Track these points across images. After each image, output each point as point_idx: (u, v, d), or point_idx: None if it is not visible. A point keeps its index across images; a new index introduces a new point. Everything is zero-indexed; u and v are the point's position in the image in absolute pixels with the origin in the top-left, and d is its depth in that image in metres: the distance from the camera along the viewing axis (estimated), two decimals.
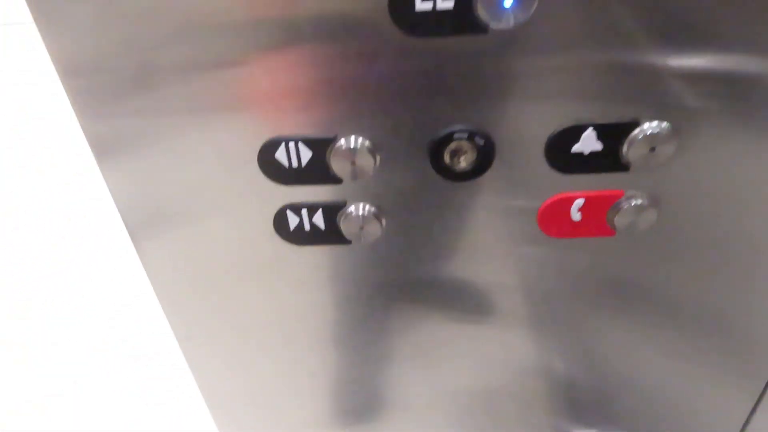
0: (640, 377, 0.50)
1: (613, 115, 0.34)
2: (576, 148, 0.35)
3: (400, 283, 0.43)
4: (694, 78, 0.32)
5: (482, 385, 0.52)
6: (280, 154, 0.36)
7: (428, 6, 0.30)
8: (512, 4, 0.30)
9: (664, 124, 0.33)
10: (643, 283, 0.42)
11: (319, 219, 0.39)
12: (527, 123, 0.35)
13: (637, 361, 0.48)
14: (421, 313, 0.46)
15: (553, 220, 0.38)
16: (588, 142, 0.34)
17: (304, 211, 0.39)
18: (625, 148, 0.34)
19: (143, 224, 0.41)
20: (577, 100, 0.34)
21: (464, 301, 0.45)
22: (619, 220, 0.37)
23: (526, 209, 0.38)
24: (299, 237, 0.40)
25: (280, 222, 0.40)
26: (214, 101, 0.35)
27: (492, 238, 0.40)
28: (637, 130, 0.34)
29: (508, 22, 0.30)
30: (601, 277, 0.42)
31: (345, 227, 0.39)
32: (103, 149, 0.38)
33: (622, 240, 0.39)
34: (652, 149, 0.34)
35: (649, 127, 0.34)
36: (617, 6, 0.30)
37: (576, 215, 0.37)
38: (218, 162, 0.38)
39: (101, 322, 1.04)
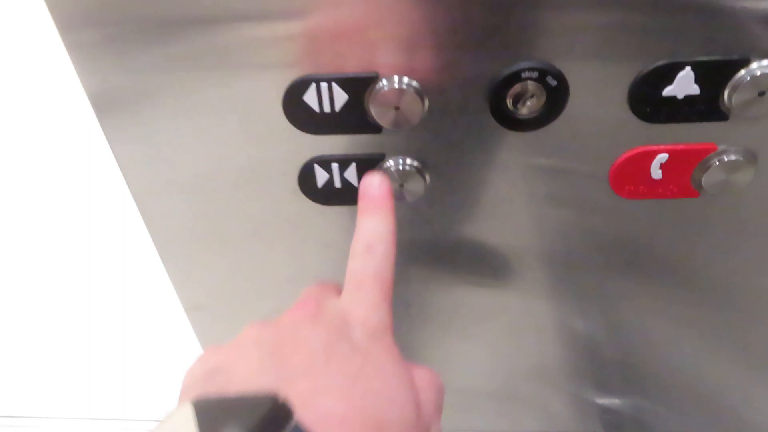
0: (685, 355, 0.45)
1: (716, 51, 0.28)
2: (668, 91, 0.29)
3: (441, 246, 0.38)
4: None
5: (511, 351, 0.48)
6: (310, 97, 0.30)
7: None
8: None
9: None
10: (715, 251, 0.37)
11: (352, 174, 0.33)
12: (610, 60, 0.29)
13: (683, 337, 0.44)
14: (462, 278, 0.41)
15: (628, 177, 0.32)
16: (684, 84, 0.28)
17: (334, 166, 0.33)
18: (726, 92, 0.28)
19: (150, 186, 0.36)
20: (671, 33, 0.28)
21: (506, 267, 0.40)
22: (708, 179, 0.31)
23: (596, 165, 0.32)
24: (328, 195, 0.35)
25: (306, 178, 0.34)
26: (234, 40, 0.29)
27: (552, 197, 0.34)
28: (743, 71, 0.28)
29: None
30: (674, 244, 0.36)
31: None
32: (106, 109, 0.32)
33: (705, 203, 0.33)
34: (761, 93, 0.28)
35: (760, 66, 0.28)
36: None
37: (656, 173, 0.32)
38: (235, 110, 0.32)
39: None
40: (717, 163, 0.31)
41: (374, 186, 0.29)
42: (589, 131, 0.31)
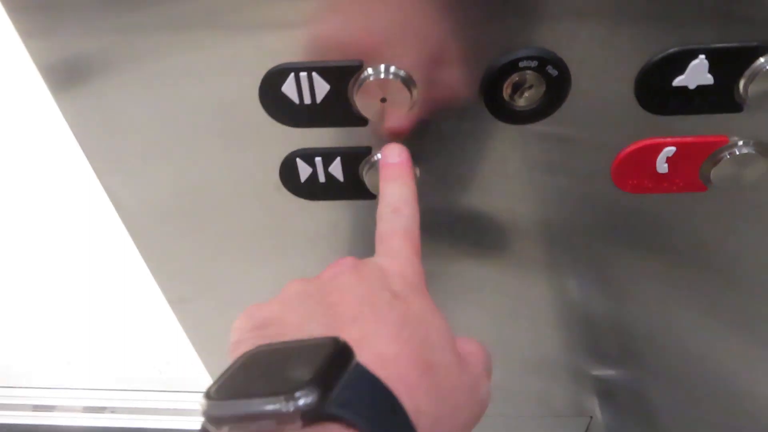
0: (681, 326, 0.44)
1: (731, 38, 0.25)
2: (679, 81, 0.26)
3: (431, 245, 0.36)
4: None
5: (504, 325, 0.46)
6: (288, 88, 0.28)
7: None
8: None
9: None
10: (718, 235, 0.35)
11: (336, 169, 0.31)
12: (616, 48, 0.26)
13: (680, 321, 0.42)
14: (457, 261, 0.39)
15: (632, 171, 0.30)
16: (696, 74, 0.26)
17: (318, 160, 0.31)
18: (742, 82, 0.26)
19: (118, 175, 0.33)
20: (683, 18, 0.25)
21: (502, 255, 0.38)
22: (717, 173, 0.29)
23: (599, 159, 0.30)
24: (312, 190, 0.32)
25: (288, 172, 0.32)
26: (206, 17, 0.26)
27: (548, 195, 0.32)
28: (762, 59, 0.25)
29: None
30: (678, 237, 0.34)
31: (369, 179, 0.31)
32: (61, 80, 0.29)
33: (713, 198, 0.31)
34: None
35: None
36: None
37: (662, 166, 0.30)
38: (210, 100, 0.29)
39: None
40: (728, 156, 0.29)
41: (395, 154, 0.30)
42: (592, 123, 0.29)
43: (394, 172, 0.29)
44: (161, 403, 1.14)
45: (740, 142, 0.29)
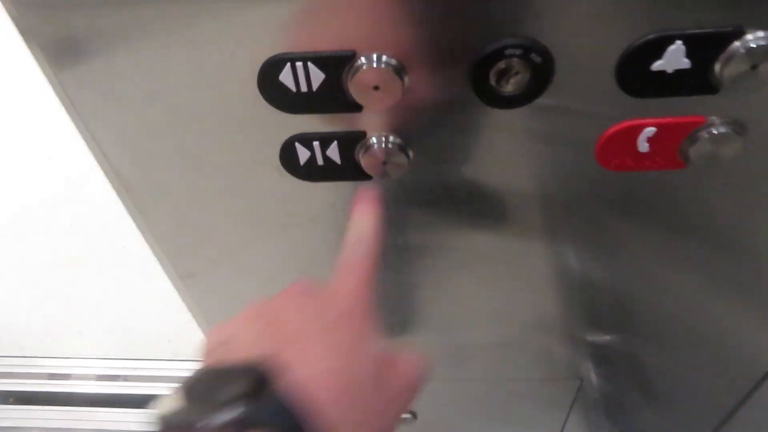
0: (670, 302, 0.46)
1: (707, 23, 0.27)
2: (657, 65, 0.28)
3: (427, 219, 0.38)
4: None
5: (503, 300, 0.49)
6: (285, 77, 0.29)
7: None
8: None
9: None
10: (705, 219, 0.37)
11: (334, 152, 0.33)
12: (596, 34, 0.27)
13: (671, 287, 0.44)
14: (450, 244, 0.41)
15: (615, 151, 0.31)
16: (674, 59, 0.27)
17: (315, 144, 0.32)
18: (718, 65, 0.27)
19: (125, 153, 0.35)
20: (660, 5, 0.26)
21: (498, 229, 0.40)
22: (696, 151, 0.31)
23: (581, 139, 0.32)
24: (311, 172, 0.34)
25: (287, 155, 0.33)
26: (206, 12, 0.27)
27: (537, 172, 0.34)
28: (737, 43, 0.27)
29: None
30: (660, 209, 0.36)
31: (365, 161, 0.33)
32: (63, 57, 0.30)
33: (691, 174, 0.33)
34: (754, 67, 0.27)
35: (755, 38, 0.26)
36: None
37: (643, 146, 0.31)
38: (210, 86, 0.31)
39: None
40: (706, 135, 0.30)
41: (365, 193, 0.34)
42: (576, 107, 0.30)
43: (361, 206, 0.33)
44: (171, 372, 1.18)
45: (717, 122, 0.30)
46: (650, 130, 0.30)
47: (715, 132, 0.30)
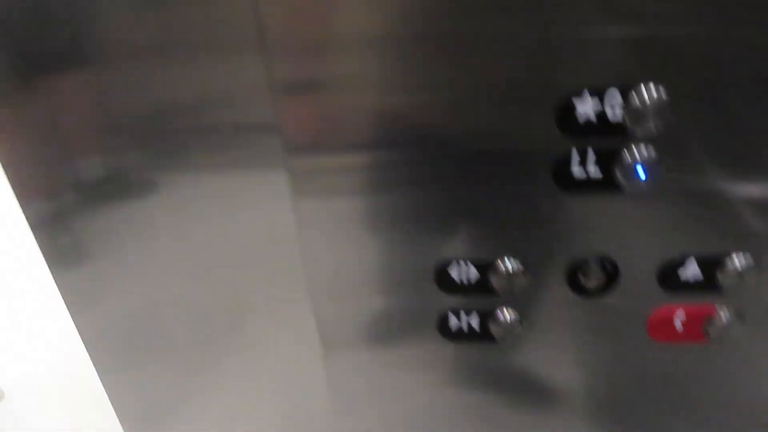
0: None
1: (711, 246, 0.45)
2: (681, 274, 0.46)
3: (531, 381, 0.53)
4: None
5: None
6: (455, 271, 0.48)
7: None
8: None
9: (749, 257, 0.45)
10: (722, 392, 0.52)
11: (474, 321, 0.50)
12: (644, 252, 0.46)
13: None
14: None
15: (660, 327, 0.48)
16: (691, 271, 0.46)
17: (462, 314, 0.50)
18: (720, 276, 0.46)
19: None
20: (679, 232, 0.46)
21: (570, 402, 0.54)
22: (713, 331, 0.47)
23: (637, 319, 0.49)
24: (456, 336, 0.51)
25: (443, 323, 0.50)
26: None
27: (607, 342, 0.50)
28: (728, 263, 0.45)
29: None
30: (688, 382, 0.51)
31: (494, 329, 0.49)
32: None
33: (713, 348, 0.49)
34: (741, 277, 0.45)
35: (738, 259, 0.45)
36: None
37: (678, 324, 0.48)
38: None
39: None
40: (717, 320, 0.47)
41: None
42: (632, 296, 0.48)
43: None
44: None
45: (723, 310, 0.47)
46: (681, 313, 0.47)
47: (723, 318, 0.47)
